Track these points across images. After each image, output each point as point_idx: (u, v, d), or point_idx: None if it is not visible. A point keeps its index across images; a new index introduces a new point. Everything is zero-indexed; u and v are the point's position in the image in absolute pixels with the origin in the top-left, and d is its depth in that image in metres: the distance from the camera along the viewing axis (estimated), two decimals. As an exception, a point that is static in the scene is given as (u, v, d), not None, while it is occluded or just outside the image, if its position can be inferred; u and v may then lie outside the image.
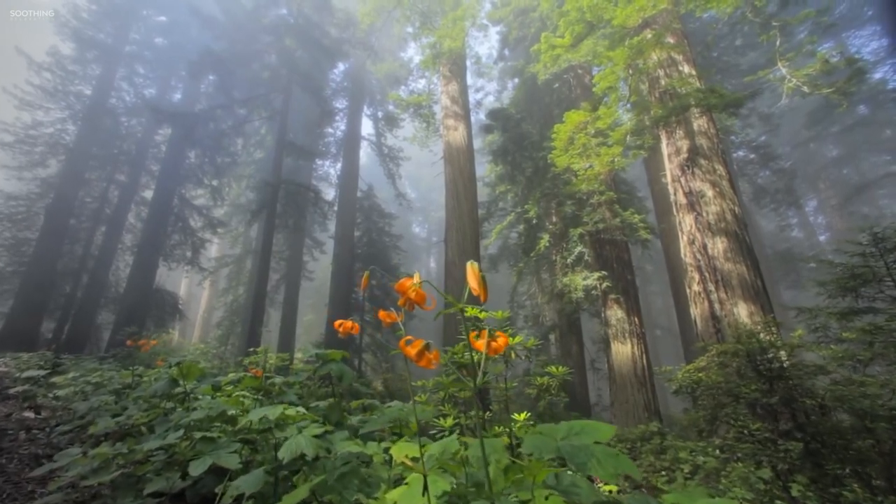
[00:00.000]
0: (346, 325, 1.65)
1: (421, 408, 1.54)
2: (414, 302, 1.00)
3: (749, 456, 2.31)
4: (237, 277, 18.10)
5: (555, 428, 0.81)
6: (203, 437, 1.52)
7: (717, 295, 6.04)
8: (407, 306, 1.02)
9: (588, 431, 0.78)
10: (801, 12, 6.69)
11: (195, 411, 1.75)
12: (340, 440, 1.41)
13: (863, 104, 18.73)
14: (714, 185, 6.76)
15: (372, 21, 14.47)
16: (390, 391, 7.41)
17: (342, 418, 1.72)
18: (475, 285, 0.89)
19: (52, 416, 3.02)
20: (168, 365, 1.97)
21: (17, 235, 14.37)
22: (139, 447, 1.59)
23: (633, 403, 7.72)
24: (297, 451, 1.30)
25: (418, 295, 1.00)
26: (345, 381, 1.70)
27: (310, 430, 1.38)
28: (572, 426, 0.81)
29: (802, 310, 3.27)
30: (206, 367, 4.69)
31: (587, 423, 0.80)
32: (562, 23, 8.24)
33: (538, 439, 0.78)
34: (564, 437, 0.78)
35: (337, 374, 1.77)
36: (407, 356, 0.97)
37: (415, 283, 1.01)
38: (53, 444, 2.54)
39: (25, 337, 11.44)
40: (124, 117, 16.20)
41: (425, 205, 41.75)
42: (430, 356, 0.98)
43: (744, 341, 2.92)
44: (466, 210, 10.58)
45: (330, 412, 1.71)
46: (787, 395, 2.48)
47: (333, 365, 1.86)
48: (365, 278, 1.15)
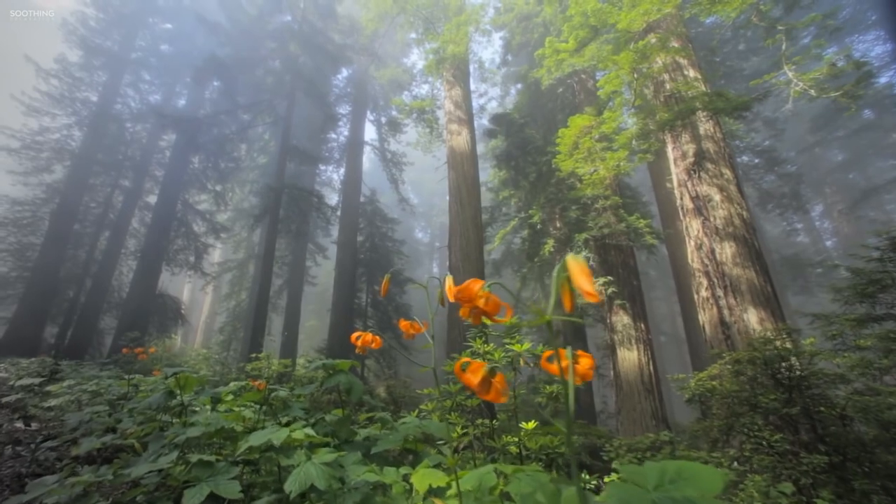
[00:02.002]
0: (364, 339, 1.51)
1: (439, 424, 1.42)
2: (483, 312, 0.77)
3: (768, 469, 2.21)
4: (240, 282, 18.08)
5: (641, 472, 0.61)
6: (200, 461, 1.38)
7: (725, 301, 5.94)
8: (472, 318, 0.78)
9: (687, 478, 0.58)
10: (808, 16, 6.65)
11: (192, 427, 1.63)
12: (353, 463, 1.29)
13: (868, 108, 18.64)
14: (721, 189, 6.68)
15: (375, 27, 14.56)
16: (394, 398, 7.32)
17: (352, 434, 1.59)
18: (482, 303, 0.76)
19: (44, 428, 2.91)
20: (164, 376, 1.85)
21: (22, 240, 14.42)
22: (126, 472, 1.43)
23: (641, 411, 7.59)
24: (306, 483, 1.17)
25: (490, 303, 0.76)
26: (354, 395, 1.59)
27: (320, 455, 1.26)
28: (665, 470, 0.61)
29: (818, 316, 3.18)
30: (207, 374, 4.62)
31: (683, 466, 0.59)
32: (566, 27, 8.25)
33: (625, 490, 0.58)
34: (658, 486, 0.58)
35: (345, 387, 1.64)
36: (466, 385, 0.74)
37: (427, 284, 0.91)
38: (39, 461, 2.41)
39: (28, 342, 11.43)
40: (129, 123, 16.33)
41: (428, 210, 41.79)
42: (497, 385, 0.74)
43: (760, 348, 2.83)
44: (470, 215, 10.52)
45: (339, 428, 1.59)
46: (807, 404, 2.39)
47: (341, 376, 1.73)
48: (385, 282, 1.08)
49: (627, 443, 3.84)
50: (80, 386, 3.21)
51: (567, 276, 0.65)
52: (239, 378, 7.78)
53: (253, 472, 1.51)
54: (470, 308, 0.78)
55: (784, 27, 7.03)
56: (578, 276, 0.63)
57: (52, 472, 2.26)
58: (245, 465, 1.52)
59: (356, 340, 1.53)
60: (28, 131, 15.14)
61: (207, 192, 16.23)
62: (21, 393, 3.37)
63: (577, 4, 7.77)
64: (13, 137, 14.82)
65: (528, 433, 2.28)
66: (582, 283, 0.62)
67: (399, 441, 1.30)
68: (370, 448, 1.45)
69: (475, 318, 0.79)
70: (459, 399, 2.50)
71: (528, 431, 2.29)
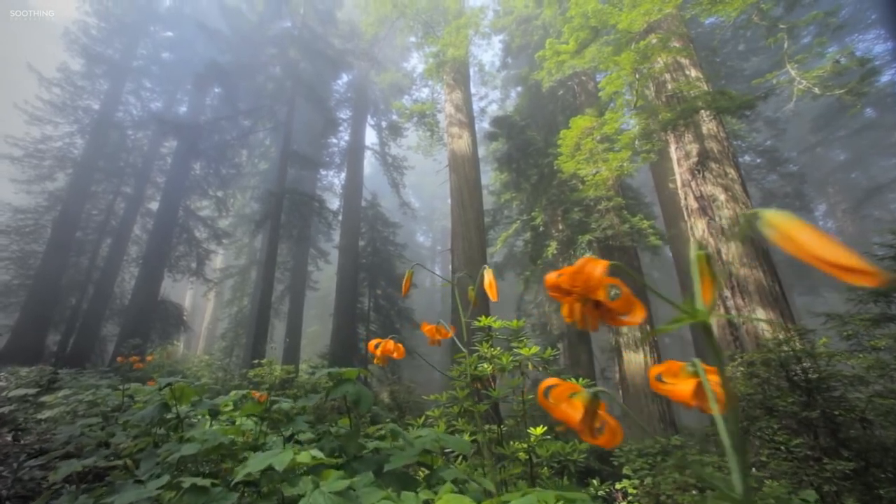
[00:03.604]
0: (385, 347, 1.34)
1: (458, 439, 1.31)
2: (607, 311, 0.52)
3: (787, 475, 2.13)
4: (242, 288, 18.05)
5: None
6: (193, 486, 1.25)
7: (733, 301, 5.86)
8: (587, 322, 0.52)
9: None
10: (810, 14, 6.61)
11: (188, 444, 1.51)
12: (365, 485, 1.14)
13: (869, 107, 18.59)
14: (726, 188, 6.62)
15: (375, 32, 14.60)
16: (399, 403, 7.23)
17: (360, 448, 1.48)
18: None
19: (36, 441, 2.81)
20: (158, 387, 1.76)
21: (25, 248, 14.44)
22: (109, 501, 1.28)
23: (648, 414, 7.49)
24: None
25: (622, 298, 0.50)
26: (362, 407, 1.46)
27: (329, 481, 1.12)
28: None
29: (832, 316, 3.11)
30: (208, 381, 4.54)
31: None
32: (566, 29, 8.23)
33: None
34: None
35: (353, 398, 1.50)
36: (562, 420, 0.53)
37: (455, 281, 0.85)
38: (24, 480, 2.26)
39: (31, 350, 11.39)
40: (131, 130, 16.39)
41: (429, 213, 41.79)
42: (610, 422, 0.55)
43: (774, 349, 2.75)
44: (472, 218, 10.48)
45: (347, 443, 1.47)
46: (829, 407, 2.32)
47: (349, 386, 1.59)
48: (407, 279, 1.02)
49: (638, 447, 3.76)
50: (75, 396, 3.12)
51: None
52: (241, 385, 7.71)
53: (255, 494, 1.37)
54: (582, 305, 0.51)
55: (786, 26, 7.01)
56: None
57: (37, 493, 2.12)
58: (244, 486, 1.39)
59: (374, 349, 1.36)
60: (31, 140, 15.20)
61: (209, 198, 16.25)
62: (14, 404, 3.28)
63: (577, 6, 7.75)
64: (16, 146, 14.89)
65: (540, 439, 2.22)
66: None
67: (415, 457, 1.19)
68: (382, 464, 1.34)
69: (592, 320, 0.52)
70: (467, 405, 2.43)
71: (540, 438, 2.23)
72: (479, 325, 2.83)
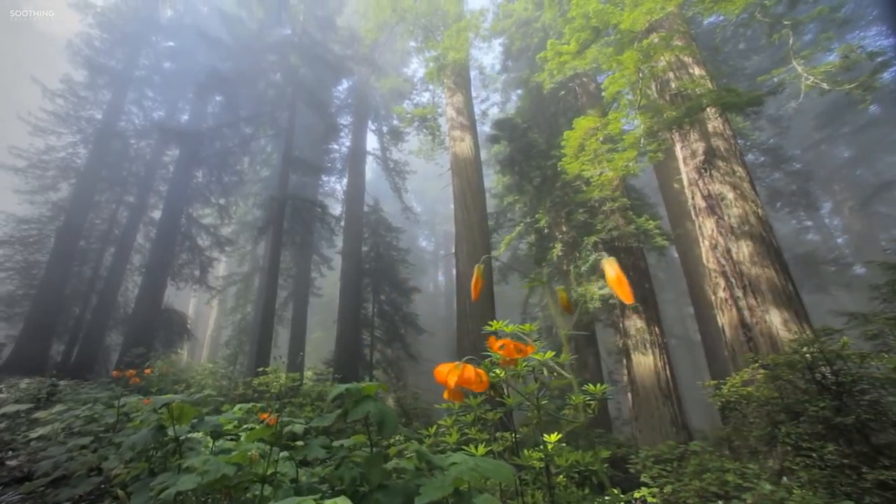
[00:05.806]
0: (465, 377, 0.98)
1: (498, 465, 1.13)
2: None
3: (821, 484, 2.01)
4: (245, 296, 17.99)
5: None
6: None
7: (745, 301, 5.73)
8: None
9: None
10: (815, 9, 6.54)
11: (184, 476, 1.31)
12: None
13: (874, 104, 18.46)
14: (734, 187, 6.52)
15: (375, 37, 14.62)
16: (405, 409, 7.11)
17: (384, 474, 1.28)
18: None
19: (25, 463, 2.65)
20: (153, 408, 1.60)
21: (28, 258, 14.46)
22: None
23: (659, 418, 7.33)
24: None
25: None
26: (387, 430, 1.24)
27: None
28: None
29: (855, 315, 2.99)
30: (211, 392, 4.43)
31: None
32: (567, 29, 8.18)
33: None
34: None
35: (377, 419, 1.29)
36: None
37: None
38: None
39: (35, 360, 11.34)
40: (133, 140, 16.46)
41: (431, 217, 41.75)
42: None
43: (799, 351, 2.64)
44: (476, 221, 10.40)
45: (370, 470, 1.27)
46: (864, 412, 2.20)
47: (370, 405, 1.35)
48: (478, 276, 0.90)
49: (654, 454, 3.64)
50: (70, 412, 2.98)
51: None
52: (246, 393, 7.61)
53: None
54: None
55: (790, 22, 6.93)
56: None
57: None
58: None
59: (444, 377, 0.99)
60: (34, 150, 15.29)
61: (211, 205, 16.25)
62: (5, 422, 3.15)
63: (578, 6, 7.70)
64: (20, 157, 14.97)
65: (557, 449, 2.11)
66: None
67: (449, 488, 1.03)
68: (409, 494, 1.16)
69: None
70: (480, 413, 2.33)
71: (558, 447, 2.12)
72: (488, 330, 2.73)
